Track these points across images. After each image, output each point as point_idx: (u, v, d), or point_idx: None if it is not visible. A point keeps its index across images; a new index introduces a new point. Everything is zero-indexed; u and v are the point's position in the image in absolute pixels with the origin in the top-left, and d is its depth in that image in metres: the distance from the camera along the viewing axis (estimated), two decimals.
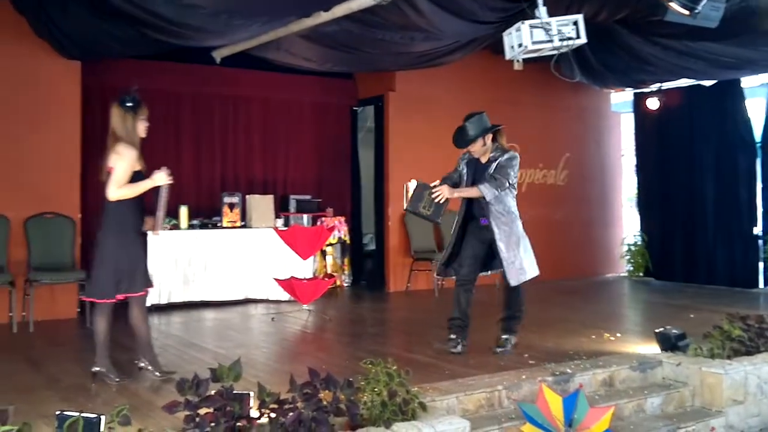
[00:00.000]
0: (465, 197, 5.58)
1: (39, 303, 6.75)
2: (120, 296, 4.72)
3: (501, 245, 5.42)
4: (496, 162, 5.49)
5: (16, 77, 6.95)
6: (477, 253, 5.57)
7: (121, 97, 4.68)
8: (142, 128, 4.69)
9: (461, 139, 5.51)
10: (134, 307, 4.85)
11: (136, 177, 4.61)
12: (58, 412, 3.13)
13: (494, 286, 6.97)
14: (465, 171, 5.61)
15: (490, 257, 5.60)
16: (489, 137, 5.55)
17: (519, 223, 5.60)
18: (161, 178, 4.64)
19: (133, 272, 4.72)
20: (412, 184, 5.42)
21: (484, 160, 5.57)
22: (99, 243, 4.70)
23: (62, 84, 7.18)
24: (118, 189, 4.56)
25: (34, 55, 6.97)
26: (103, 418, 3.12)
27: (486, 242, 5.54)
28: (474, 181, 5.50)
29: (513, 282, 5.46)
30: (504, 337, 5.64)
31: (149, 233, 5.07)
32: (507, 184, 5.46)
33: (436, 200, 5.34)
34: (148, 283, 4.89)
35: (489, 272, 5.73)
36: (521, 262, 5.48)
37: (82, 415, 3.08)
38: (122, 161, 4.55)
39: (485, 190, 5.36)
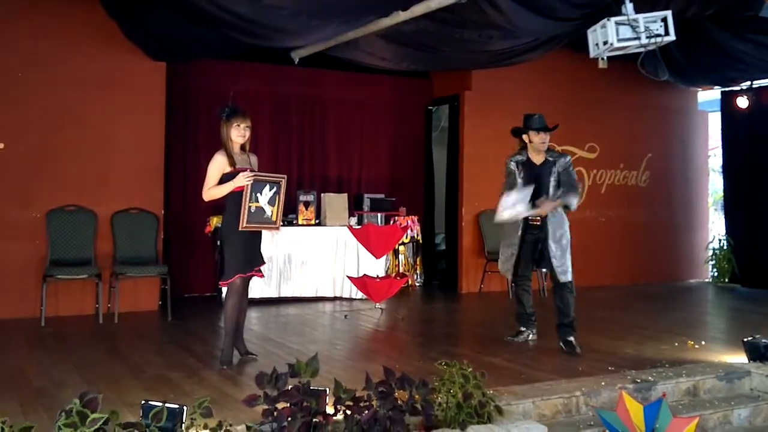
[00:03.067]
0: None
1: (123, 295, 7.00)
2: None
3: (552, 245, 5.61)
4: (563, 167, 5.72)
5: (105, 78, 7.21)
6: (530, 252, 5.82)
7: (219, 109, 5.16)
8: (236, 134, 5.08)
9: (546, 123, 5.72)
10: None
11: (226, 178, 5.00)
12: (143, 402, 3.22)
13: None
14: (520, 174, 5.74)
15: (539, 257, 5.83)
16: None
17: (568, 225, 5.79)
18: (239, 180, 4.95)
19: (248, 257, 5.13)
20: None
21: (539, 160, 5.75)
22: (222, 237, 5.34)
23: (148, 85, 7.42)
24: (207, 191, 5.05)
25: (122, 57, 7.22)
26: (185, 408, 3.19)
27: (536, 242, 5.76)
28: (538, 184, 5.64)
29: (563, 278, 5.62)
30: (569, 339, 5.63)
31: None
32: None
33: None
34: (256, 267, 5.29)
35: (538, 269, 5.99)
36: (569, 263, 5.67)
37: (166, 405, 3.16)
38: (211, 166, 5.05)
39: (573, 201, 5.65)
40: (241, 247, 5.07)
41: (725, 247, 10.35)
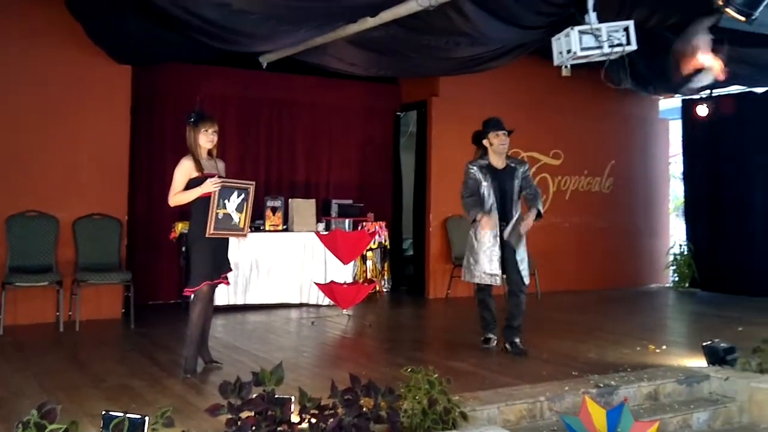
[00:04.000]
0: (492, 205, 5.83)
1: (85, 303, 6.87)
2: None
3: (520, 249, 5.79)
4: (524, 173, 5.95)
5: (69, 81, 7.10)
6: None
7: (186, 114, 5.13)
8: (204, 139, 5.06)
9: (503, 125, 5.90)
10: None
11: (193, 184, 4.95)
12: (103, 412, 3.17)
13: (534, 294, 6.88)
14: (483, 179, 5.83)
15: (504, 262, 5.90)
16: None
17: None
18: (206, 186, 4.90)
19: (216, 263, 5.11)
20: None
21: (501, 165, 5.89)
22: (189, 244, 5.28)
23: (113, 88, 7.32)
24: (173, 196, 4.99)
25: (87, 59, 7.12)
26: (147, 419, 3.15)
27: (502, 247, 5.82)
28: (501, 189, 5.82)
29: (527, 282, 5.82)
30: (516, 340, 5.79)
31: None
32: None
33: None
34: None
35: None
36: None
37: (128, 415, 3.11)
38: (178, 171, 5.00)
39: (541, 208, 5.84)
40: (208, 253, 5.02)
41: (686, 253, 10.56)
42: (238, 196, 5.03)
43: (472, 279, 5.92)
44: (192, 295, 5.13)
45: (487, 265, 5.79)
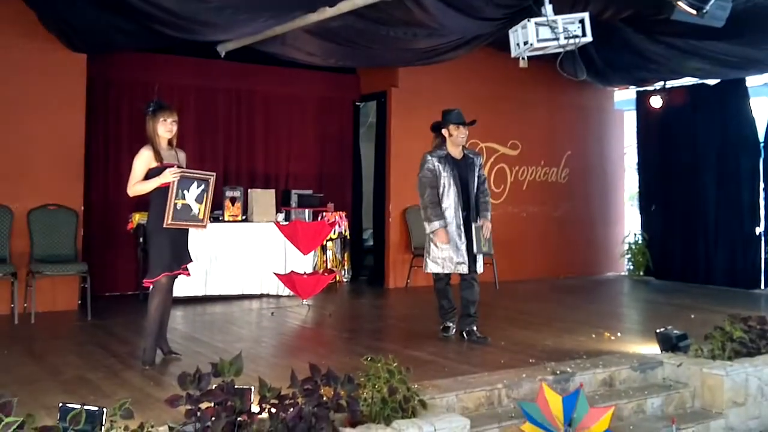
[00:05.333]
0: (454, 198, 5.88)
1: (41, 295, 6.76)
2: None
3: (483, 239, 5.90)
4: (480, 166, 6.06)
5: (21, 68, 6.95)
6: None
7: (145, 103, 5.08)
8: (162, 129, 5.01)
9: (464, 118, 5.94)
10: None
11: (153, 174, 4.92)
12: (60, 405, 3.14)
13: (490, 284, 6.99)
14: (442, 170, 5.87)
15: None
16: None
17: None
18: (165, 176, 4.87)
19: (176, 254, 5.08)
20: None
21: (458, 155, 5.96)
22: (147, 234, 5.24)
23: (68, 76, 7.18)
24: (132, 186, 4.95)
25: (40, 47, 6.97)
26: (105, 410, 3.13)
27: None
28: (461, 179, 5.87)
29: (480, 270, 6.00)
30: (474, 328, 5.91)
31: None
32: None
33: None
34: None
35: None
36: None
37: (85, 407, 3.08)
38: (137, 160, 4.96)
39: (489, 215, 6.02)
40: (168, 245, 4.99)
41: (640, 242, 10.79)
42: (198, 187, 4.99)
43: (435, 269, 5.90)
44: (151, 287, 5.09)
45: (454, 254, 5.82)
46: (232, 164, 8.97)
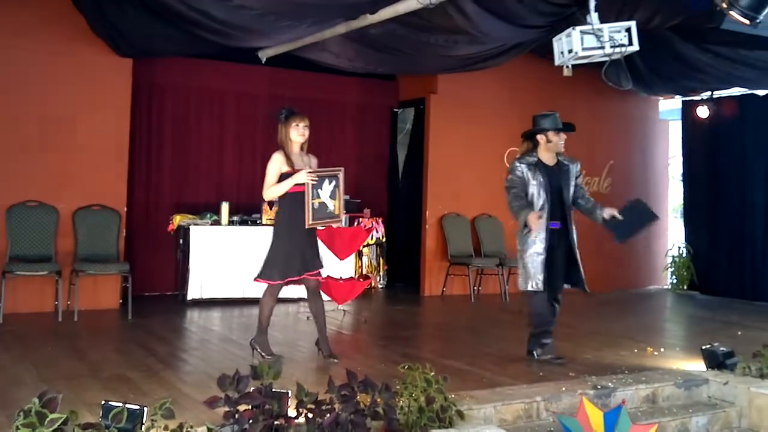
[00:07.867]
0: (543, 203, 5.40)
1: (83, 293, 6.88)
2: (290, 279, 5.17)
3: (577, 251, 5.55)
4: (577, 172, 5.62)
5: (70, 72, 7.10)
6: (562, 261, 5.59)
7: (276, 111, 5.35)
8: (294, 134, 5.21)
9: (561, 123, 5.52)
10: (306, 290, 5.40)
11: (283, 178, 5.08)
12: (103, 402, 3.17)
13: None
14: (531, 177, 5.37)
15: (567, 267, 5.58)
16: None
17: None
18: (300, 176, 5.01)
19: (304, 258, 5.15)
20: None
21: (551, 162, 5.51)
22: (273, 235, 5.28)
23: (114, 80, 7.32)
24: (267, 189, 5.13)
25: (89, 51, 7.12)
26: (146, 409, 3.15)
27: (559, 249, 5.48)
28: (553, 186, 5.40)
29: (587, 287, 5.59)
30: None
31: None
32: None
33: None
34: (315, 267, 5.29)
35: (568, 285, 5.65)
36: None
37: (126, 405, 3.11)
38: (271, 164, 5.13)
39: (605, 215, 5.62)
40: (295, 251, 5.09)
41: (684, 255, 10.56)
42: (329, 184, 5.15)
43: (526, 287, 5.50)
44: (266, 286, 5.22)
45: (536, 269, 5.41)
46: None
